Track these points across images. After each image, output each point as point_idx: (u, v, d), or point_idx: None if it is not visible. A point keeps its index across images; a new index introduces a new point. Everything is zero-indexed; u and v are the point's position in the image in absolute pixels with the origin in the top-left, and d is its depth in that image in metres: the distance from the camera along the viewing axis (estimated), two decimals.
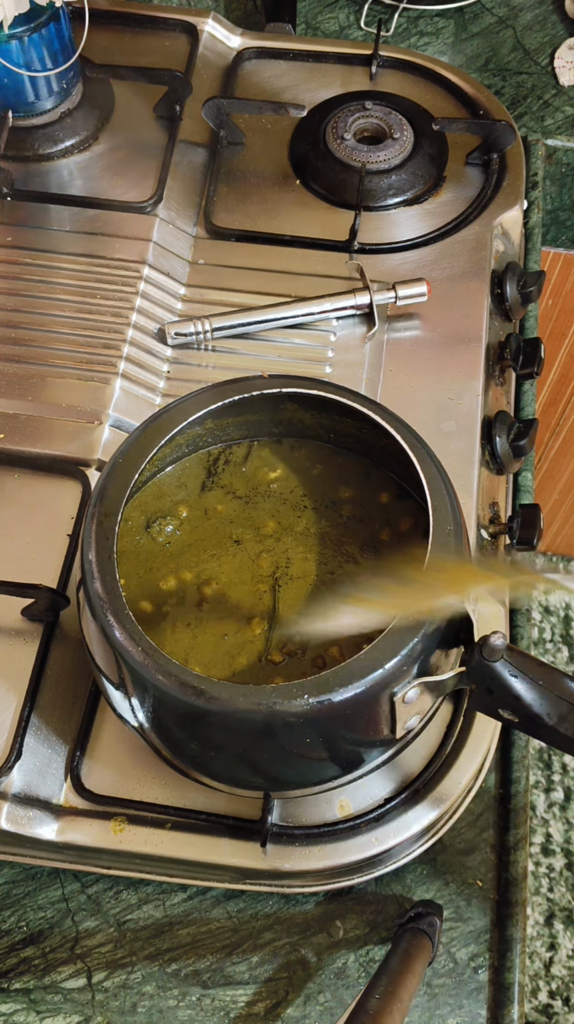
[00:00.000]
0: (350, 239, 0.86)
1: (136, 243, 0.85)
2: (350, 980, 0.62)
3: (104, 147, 0.93)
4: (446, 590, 0.53)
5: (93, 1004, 0.61)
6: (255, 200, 0.90)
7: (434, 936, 0.60)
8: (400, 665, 0.51)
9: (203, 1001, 0.61)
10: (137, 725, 0.57)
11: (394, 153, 0.89)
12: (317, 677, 0.50)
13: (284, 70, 0.99)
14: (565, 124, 0.99)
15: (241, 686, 0.51)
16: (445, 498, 0.56)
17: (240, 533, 0.62)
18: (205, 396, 0.60)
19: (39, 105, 0.91)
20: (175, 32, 1.00)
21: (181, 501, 0.64)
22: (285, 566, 0.61)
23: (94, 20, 0.93)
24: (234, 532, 0.62)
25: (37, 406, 0.77)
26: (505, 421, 0.78)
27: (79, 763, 0.65)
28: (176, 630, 0.59)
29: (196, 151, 0.93)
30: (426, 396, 0.79)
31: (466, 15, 1.08)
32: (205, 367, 0.80)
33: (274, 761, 0.55)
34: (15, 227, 0.86)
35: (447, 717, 0.67)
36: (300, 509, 0.63)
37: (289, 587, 0.59)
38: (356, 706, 0.51)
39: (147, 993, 0.62)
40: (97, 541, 0.55)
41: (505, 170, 0.91)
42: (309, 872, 0.62)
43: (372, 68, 0.98)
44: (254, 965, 0.62)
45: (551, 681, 0.53)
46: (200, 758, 0.57)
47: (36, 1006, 0.61)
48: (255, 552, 0.61)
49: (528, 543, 0.74)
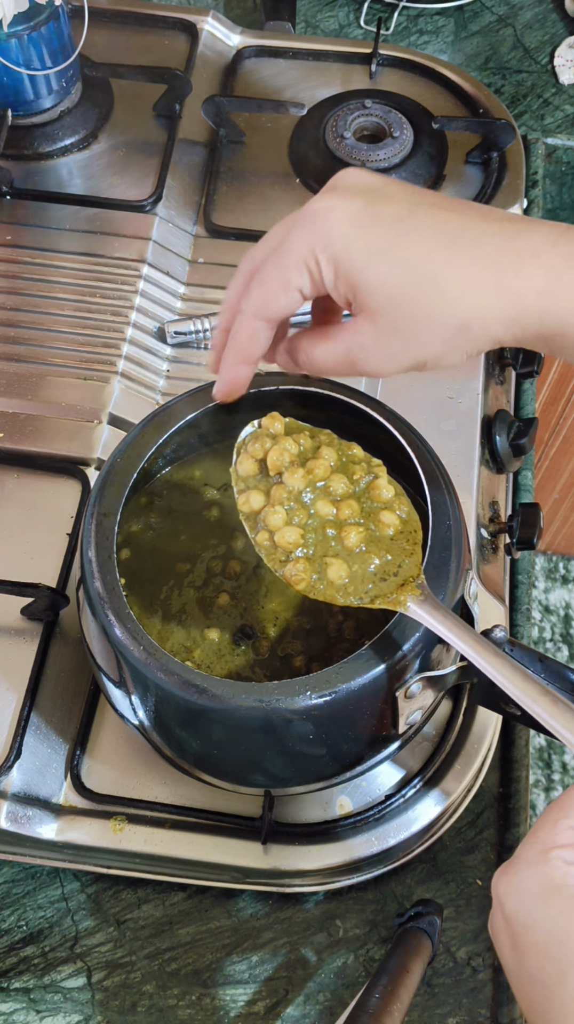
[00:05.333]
0: None
1: (136, 242, 0.85)
2: (350, 979, 0.62)
3: (103, 146, 0.93)
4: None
5: (93, 1003, 0.61)
6: (255, 199, 0.90)
7: (434, 935, 0.60)
8: (402, 660, 0.51)
9: (203, 1000, 0.61)
10: (138, 723, 0.57)
11: (394, 152, 0.89)
12: (319, 673, 0.50)
13: (284, 69, 0.99)
14: (565, 123, 0.99)
15: (243, 683, 0.51)
16: (445, 496, 0.56)
17: (238, 530, 0.62)
18: (203, 394, 0.60)
19: (38, 104, 0.90)
20: (175, 31, 1.00)
21: (180, 498, 0.64)
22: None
23: (93, 18, 0.93)
24: (232, 529, 0.62)
25: (37, 405, 0.77)
26: (505, 420, 0.78)
27: (79, 762, 0.65)
28: (176, 628, 0.59)
29: (196, 150, 0.93)
30: (426, 395, 0.79)
31: (466, 13, 1.08)
32: (205, 366, 0.80)
33: (276, 758, 0.55)
34: (14, 226, 0.86)
35: (446, 717, 0.67)
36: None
37: (310, 567, 0.58)
38: (358, 702, 0.51)
39: (147, 992, 0.62)
40: (96, 540, 0.55)
41: (505, 169, 0.91)
42: (309, 871, 0.62)
43: (372, 67, 0.98)
44: (254, 964, 0.62)
45: (553, 674, 0.53)
46: (201, 756, 0.57)
47: (36, 1005, 0.61)
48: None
49: (528, 542, 0.74)
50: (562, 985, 0.36)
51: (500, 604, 0.71)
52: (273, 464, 0.52)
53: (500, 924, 0.39)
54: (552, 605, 1.84)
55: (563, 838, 0.38)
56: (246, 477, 0.52)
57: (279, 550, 0.50)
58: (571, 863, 0.38)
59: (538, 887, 0.38)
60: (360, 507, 0.51)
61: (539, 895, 0.38)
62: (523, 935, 0.38)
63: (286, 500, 0.51)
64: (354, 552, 0.50)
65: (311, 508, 0.51)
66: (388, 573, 0.50)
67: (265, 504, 0.51)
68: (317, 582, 0.50)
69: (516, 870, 0.39)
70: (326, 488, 0.52)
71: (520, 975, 0.39)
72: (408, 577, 0.50)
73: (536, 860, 0.38)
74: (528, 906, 0.38)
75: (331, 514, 0.51)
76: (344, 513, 0.51)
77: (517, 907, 0.38)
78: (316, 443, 0.53)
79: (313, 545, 0.51)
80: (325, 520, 0.51)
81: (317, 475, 0.51)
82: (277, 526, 0.50)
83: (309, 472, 0.51)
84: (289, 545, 0.50)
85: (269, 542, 0.51)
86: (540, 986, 0.37)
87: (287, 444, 0.52)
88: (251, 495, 0.52)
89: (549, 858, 0.38)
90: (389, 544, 0.51)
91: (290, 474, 0.51)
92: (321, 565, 0.50)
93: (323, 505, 0.51)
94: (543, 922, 0.37)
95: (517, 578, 0.77)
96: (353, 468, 0.53)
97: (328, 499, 0.51)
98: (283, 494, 0.51)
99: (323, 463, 0.52)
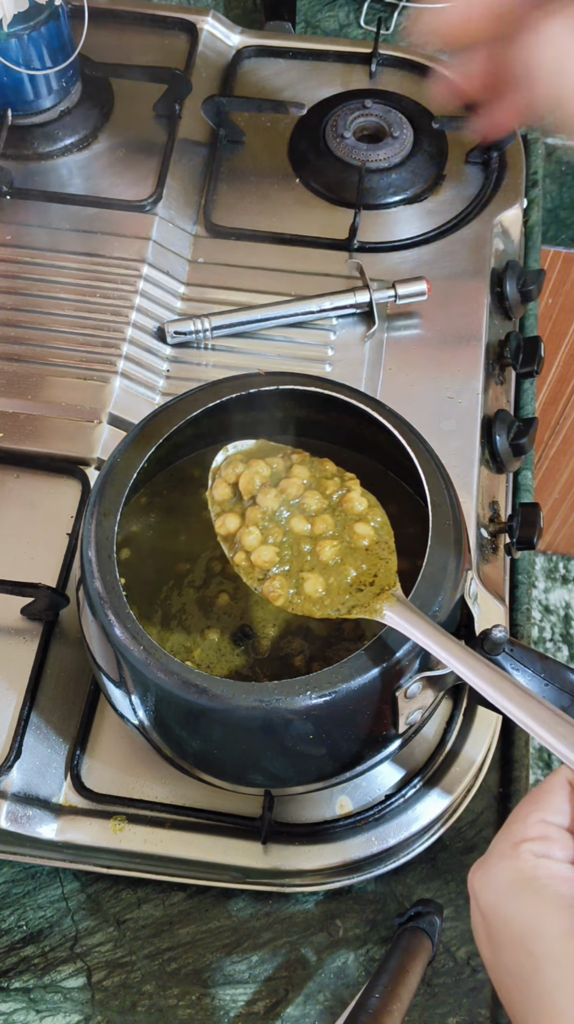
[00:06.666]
0: (350, 238, 0.85)
1: (136, 241, 0.85)
2: (350, 979, 0.62)
3: (103, 146, 0.93)
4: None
5: (93, 1003, 0.61)
6: (255, 198, 0.90)
7: (434, 935, 0.60)
8: (402, 660, 0.51)
9: (203, 1000, 0.61)
10: (138, 723, 0.57)
11: (394, 151, 0.89)
12: (319, 673, 0.50)
13: (284, 68, 0.99)
14: None
15: (243, 683, 0.51)
16: (445, 496, 0.56)
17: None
18: (203, 394, 0.60)
19: (38, 103, 0.90)
20: (174, 30, 1.00)
21: (180, 498, 0.64)
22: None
23: (93, 18, 0.92)
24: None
25: (37, 405, 0.77)
26: (505, 420, 0.78)
27: (79, 762, 0.65)
28: (176, 628, 0.59)
29: (196, 149, 0.93)
30: (426, 395, 0.79)
31: None
32: (205, 366, 0.80)
33: (276, 758, 0.55)
34: (14, 226, 0.86)
35: (446, 717, 0.67)
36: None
37: (287, 583, 0.59)
38: (358, 702, 0.51)
39: (147, 992, 0.62)
40: (96, 540, 0.55)
41: (505, 168, 0.91)
42: (309, 871, 0.62)
43: (372, 66, 0.98)
44: (254, 964, 0.62)
45: (553, 674, 0.53)
46: (201, 756, 0.57)
47: (36, 1005, 0.61)
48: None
49: (528, 542, 0.74)
50: (536, 979, 0.36)
51: (500, 604, 0.71)
52: (245, 488, 0.54)
53: (477, 919, 0.40)
54: (552, 605, 1.84)
55: (534, 831, 0.39)
56: (221, 501, 0.54)
57: (256, 569, 0.52)
58: (541, 856, 0.38)
59: (509, 880, 0.38)
60: (334, 521, 0.53)
61: (510, 888, 0.38)
62: (498, 929, 0.38)
63: (260, 520, 0.52)
64: (329, 565, 0.52)
65: (286, 526, 0.53)
66: (364, 583, 0.52)
67: (241, 525, 0.53)
68: (294, 597, 0.51)
69: (489, 864, 0.39)
70: (300, 505, 0.53)
71: (497, 969, 0.39)
72: (384, 586, 0.51)
73: (507, 854, 0.38)
74: (500, 899, 0.38)
75: (306, 530, 0.52)
76: (319, 528, 0.52)
77: (490, 901, 0.38)
78: (289, 463, 0.55)
79: (289, 562, 0.52)
80: (300, 536, 0.52)
81: (290, 494, 0.53)
82: (252, 546, 0.52)
83: (281, 492, 0.53)
84: (265, 563, 0.52)
85: (246, 562, 0.52)
86: (517, 980, 0.37)
87: (259, 467, 0.54)
88: (227, 518, 0.54)
89: (519, 851, 0.38)
90: (364, 554, 0.52)
91: (263, 495, 0.53)
92: (297, 580, 0.52)
93: (298, 522, 0.52)
94: (516, 916, 0.37)
95: (517, 578, 0.77)
96: (326, 483, 0.54)
97: (302, 516, 0.53)
98: (257, 515, 0.52)
99: (296, 482, 0.54)
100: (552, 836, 0.39)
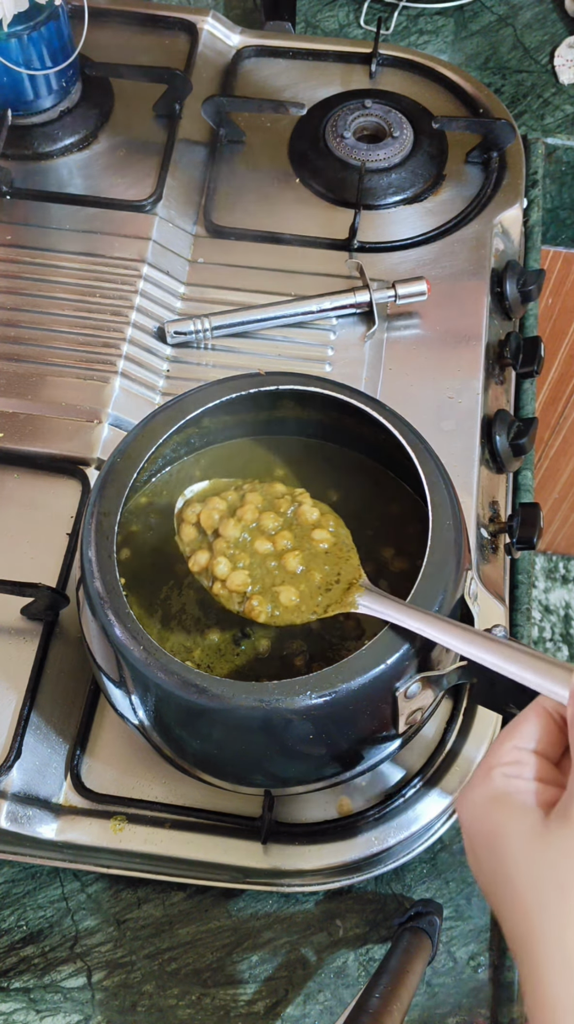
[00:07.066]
0: (350, 238, 0.85)
1: (136, 241, 0.85)
2: (350, 979, 0.62)
3: (103, 145, 0.93)
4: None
5: (93, 1003, 0.61)
6: (255, 198, 0.90)
7: (434, 935, 0.60)
8: (402, 660, 0.51)
9: (203, 1000, 0.61)
10: (138, 723, 0.57)
11: (394, 152, 0.89)
12: (319, 673, 0.50)
13: (284, 68, 0.99)
14: (565, 122, 0.99)
15: (243, 683, 0.51)
16: (445, 496, 0.56)
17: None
18: (203, 394, 0.60)
19: (38, 103, 0.90)
20: (174, 30, 1.00)
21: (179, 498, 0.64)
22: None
23: (93, 18, 0.93)
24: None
25: (37, 405, 0.77)
26: (505, 420, 0.78)
27: (79, 762, 0.65)
28: (176, 628, 0.59)
29: (196, 149, 0.93)
30: (426, 395, 0.79)
31: (466, 13, 1.08)
32: (205, 366, 0.80)
33: (276, 758, 0.55)
34: (14, 226, 0.86)
35: (446, 717, 0.67)
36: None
37: (264, 600, 0.59)
38: (358, 702, 0.51)
39: (147, 992, 0.62)
40: (96, 539, 0.55)
41: (505, 168, 0.91)
42: (309, 871, 0.62)
43: (372, 66, 0.98)
44: (254, 964, 0.62)
45: None
46: (201, 756, 0.57)
47: (36, 1005, 0.61)
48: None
49: (528, 542, 0.74)
50: (505, 875, 0.40)
51: (500, 604, 0.71)
52: (206, 524, 0.58)
53: (464, 839, 0.44)
54: (552, 605, 1.84)
55: (507, 757, 0.43)
56: (189, 541, 0.58)
57: (234, 594, 0.55)
58: (511, 776, 0.42)
59: (484, 798, 0.42)
60: (292, 534, 0.57)
61: (484, 804, 0.42)
62: (475, 841, 0.43)
63: (226, 549, 0.56)
64: (297, 574, 0.55)
65: (250, 549, 0.57)
66: (331, 582, 0.55)
67: (211, 558, 0.57)
68: (273, 610, 0.55)
69: (468, 789, 0.44)
70: (259, 528, 0.57)
71: (481, 880, 0.43)
72: (351, 580, 0.55)
73: (483, 776, 0.43)
74: (476, 814, 0.43)
75: (269, 548, 0.56)
76: (280, 544, 0.56)
77: (467, 817, 0.43)
78: (241, 492, 0.59)
79: (260, 580, 0.56)
80: (265, 555, 0.56)
81: (248, 519, 0.57)
82: (224, 574, 0.56)
83: (239, 520, 0.57)
84: (239, 587, 0.55)
85: (223, 590, 0.56)
86: (493, 880, 0.41)
87: (215, 503, 0.58)
88: (198, 555, 0.57)
89: (493, 775, 0.42)
90: (325, 557, 0.56)
91: (223, 527, 0.57)
92: (273, 595, 0.55)
93: (261, 543, 0.56)
94: (487, 824, 0.42)
95: (517, 578, 0.77)
96: (278, 503, 0.58)
97: (263, 536, 0.57)
98: (223, 545, 0.56)
99: (250, 507, 0.57)
100: (523, 760, 0.43)
